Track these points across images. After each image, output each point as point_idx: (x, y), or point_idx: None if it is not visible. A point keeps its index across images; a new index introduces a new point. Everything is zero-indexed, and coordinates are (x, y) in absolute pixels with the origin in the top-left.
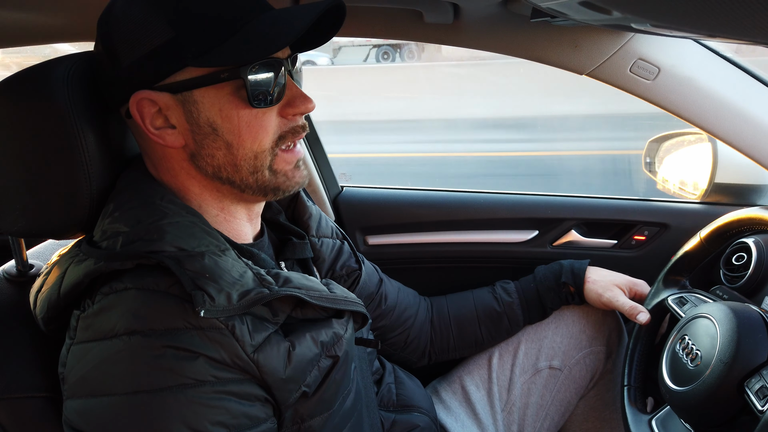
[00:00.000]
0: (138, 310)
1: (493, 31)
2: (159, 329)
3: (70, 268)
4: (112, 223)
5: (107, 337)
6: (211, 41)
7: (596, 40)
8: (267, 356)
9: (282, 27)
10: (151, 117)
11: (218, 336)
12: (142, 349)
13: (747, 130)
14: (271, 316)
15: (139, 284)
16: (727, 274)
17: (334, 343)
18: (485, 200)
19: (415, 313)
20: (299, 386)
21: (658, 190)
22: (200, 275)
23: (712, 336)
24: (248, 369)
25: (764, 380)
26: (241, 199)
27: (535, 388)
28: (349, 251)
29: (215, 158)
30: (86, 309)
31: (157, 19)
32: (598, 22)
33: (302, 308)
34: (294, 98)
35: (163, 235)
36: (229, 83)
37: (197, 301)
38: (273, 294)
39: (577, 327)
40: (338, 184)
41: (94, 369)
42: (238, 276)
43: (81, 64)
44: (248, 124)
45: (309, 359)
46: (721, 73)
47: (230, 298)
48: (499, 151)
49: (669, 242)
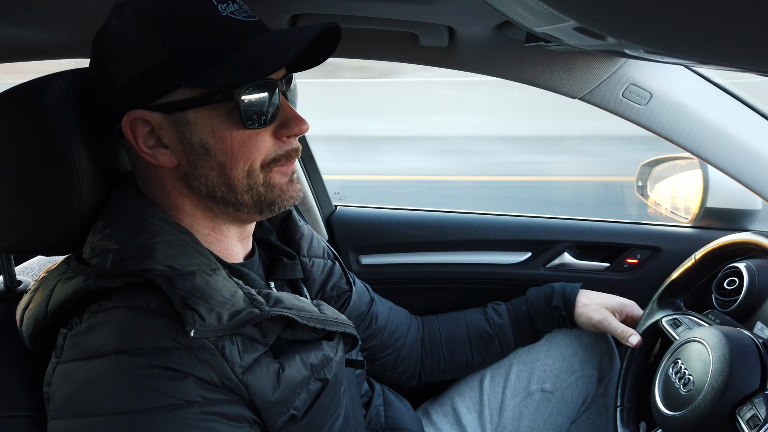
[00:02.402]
0: (127, 329)
1: (488, 55)
2: (148, 348)
3: (59, 285)
4: (101, 240)
5: (95, 356)
6: (204, 62)
7: (589, 65)
8: (256, 378)
9: (276, 49)
10: (143, 136)
11: (207, 356)
12: (131, 368)
13: (736, 155)
14: (261, 336)
15: (128, 303)
16: (719, 298)
17: (324, 366)
18: (478, 221)
19: (405, 333)
20: (288, 409)
21: (650, 214)
22: (191, 294)
23: (704, 361)
24: (237, 390)
25: (756, 409)
26: (234, 219)
27: (526, 411)
28: (340, 272)
29: (209, 178)
30: (74, 327)
31: (152, 39)
32: (592, 48)
33: (292, 329)
34: (288, 119)
35: (153, 253)
36: (222, 104)
37: (187, 321)
38: (264, 314)
39: (569, 350)
40: (332, 203)
41: (80, 389)
42: (229, 296)
43: (76, 80)
44: (241, 145)
45: (298, 382)
46: (711, 99)
47: (221, 318)
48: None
49: (661, 266)
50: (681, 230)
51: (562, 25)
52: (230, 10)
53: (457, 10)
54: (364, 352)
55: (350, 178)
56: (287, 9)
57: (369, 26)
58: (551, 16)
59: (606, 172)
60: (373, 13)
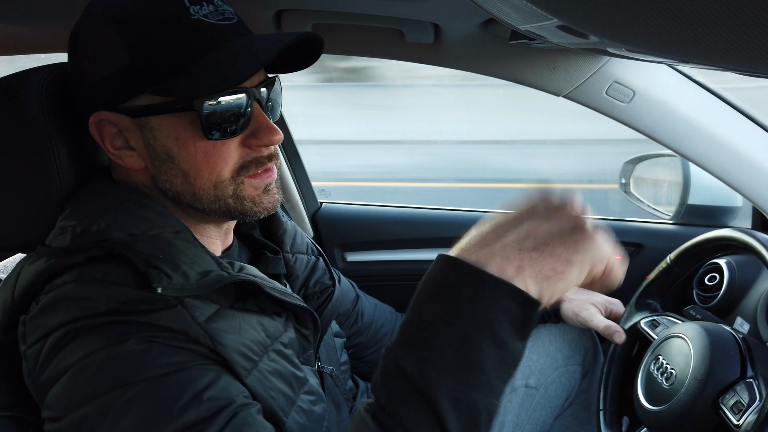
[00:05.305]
0: (80, 300)
1: (473, 52)
2: (103, 311)
3: (23, 269)
4: (63, 220)
5: (54, 331)
6: (168, 70)
7: (573, 63)
8: (219, 328)
9: (245, 59)
10: (111, 137)
11: (167, 310)
12: (89, 329)
13: (717, 153)
14: (222, 299)
15: (83, 276)
16: (700, 294)
17: (278, 337)
18: (464, 218)
19: (391, 329)
20: (255, 364)
21: (633, 211)
22: (153, 256)
23: (685, 354)
24: (200, 338)
25: (738, 395)
26: (208, 220)
27: (510, 406)
28: (324, 268)
29: (174, 185)
30: (30, 311)
31: (118, 43)
32: (575, 46)
33: (244, 302)
34: (259, 129)
35: (111, 222)
36: (186, 113)
37: (153, 278)
38: (232, 277)
39: (553, 345)
40: (317, 200)
41: (48, 356)
42: (194, 257)
43: (56, 75)
44: (205, 155)
45: (258, 341)
46: (693, 97)
47: (188, 277)
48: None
49: (644, 262)
50: (663, 227)
51: (546, 23)
52: (203, 12)
53: (442, 7)
54: (349, 350)
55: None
56: (271, 4)
57: (354, 22)
58: (535, 14)
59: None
60: (359, 9)
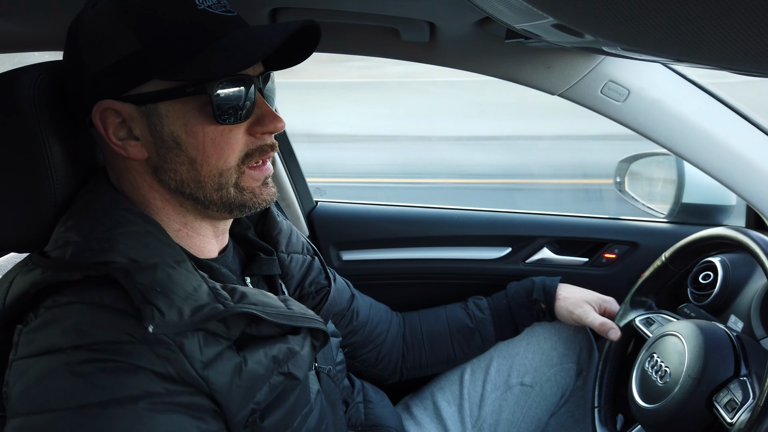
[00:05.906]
0: (82, 325)
1: (468, 51)
2: (102, 342)
3: (17, 277)
4: (64, 233)
5: (50, 351)
6: (178, 55)
7: (568, 62)
8: (217, 372)
9: (251, 45)
10: (114, 127)
11: (165, 351)
12: (86, 363)
13: (712, 152)
14: (225, 331)
15: (84, 298)
16: (695, 292)
17: (289, 359)
18: (459, 217)
19: (386, 329)
20: (249, 403)
21: (628, 209)
22: (151, 289)
23: (680, 353)
24: (197, 385)
25: (732, 394)
26: (205, 216)
27: (506, 404)
28: (320, 267)
29: (178, 173)
30: (29, 323)
31: (126, 29)
32: (570, 44)
33: (258, 325)
34: (263, 116)
35: (114, 245)
36: (195, 98)
37: (146, 317)
38: (228, 311)
39: (548, 344)
40: (313, 199)
41: (35, 385)
42: (192, 290)
43: (48, 73)
44: (213, 141)
45: (260, 375)
46: (688, 96)
47: (182, 314)
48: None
49: (639, 260)
50: (658, 225)
51: (541, 22)
52: (207, 3)
53: (438, 5)
54: (345, 349)
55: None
56: (267, 3)
57: (350, 21)
58: (530, 12)
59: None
60: (354, 8)
